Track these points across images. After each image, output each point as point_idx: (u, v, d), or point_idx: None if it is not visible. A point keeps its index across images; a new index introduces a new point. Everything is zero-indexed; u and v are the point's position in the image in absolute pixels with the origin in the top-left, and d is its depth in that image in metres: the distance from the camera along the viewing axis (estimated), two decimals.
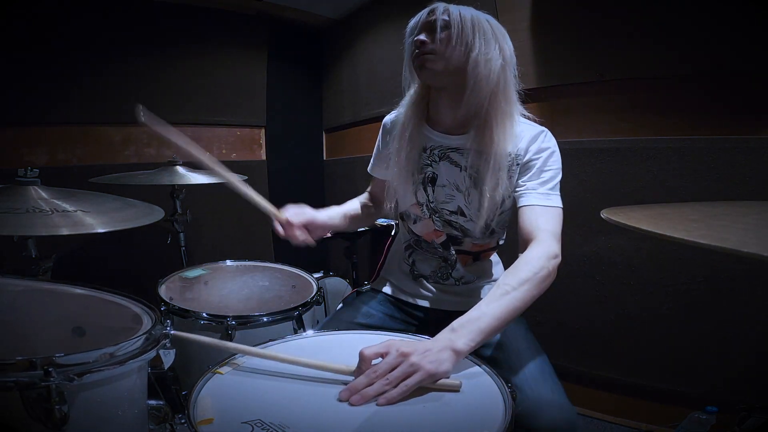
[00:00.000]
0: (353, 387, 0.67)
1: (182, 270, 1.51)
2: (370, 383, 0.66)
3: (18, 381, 0.53)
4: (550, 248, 0.87)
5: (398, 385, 0.66)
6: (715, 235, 0.52)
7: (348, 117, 2.81)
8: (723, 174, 1.37)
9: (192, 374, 0.73)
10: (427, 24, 0.95)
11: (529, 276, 0.81)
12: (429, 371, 0.67)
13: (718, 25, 1.35)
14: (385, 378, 0.66)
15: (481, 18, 0.95)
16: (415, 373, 0.67)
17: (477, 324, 0.75)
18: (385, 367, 0.67)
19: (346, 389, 0.67)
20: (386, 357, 0.69)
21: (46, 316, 0.83)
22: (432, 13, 0.95)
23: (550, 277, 0.85)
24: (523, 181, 0.98)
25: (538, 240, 0.88)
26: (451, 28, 0.93)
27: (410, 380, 0.66)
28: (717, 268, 1.40)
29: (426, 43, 0.94)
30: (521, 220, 0.95)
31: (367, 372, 0.68)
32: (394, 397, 0.65)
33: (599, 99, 1.63)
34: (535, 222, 0.92)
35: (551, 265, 0.85)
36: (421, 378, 0.66)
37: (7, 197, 1.03)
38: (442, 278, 1.11)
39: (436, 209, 1.06)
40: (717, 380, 1.43)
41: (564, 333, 1.72)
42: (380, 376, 0.67)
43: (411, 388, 0.66)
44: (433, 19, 0.94)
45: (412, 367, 0.67)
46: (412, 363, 0.67)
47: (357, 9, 2.66)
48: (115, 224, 1.03)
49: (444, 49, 0.93)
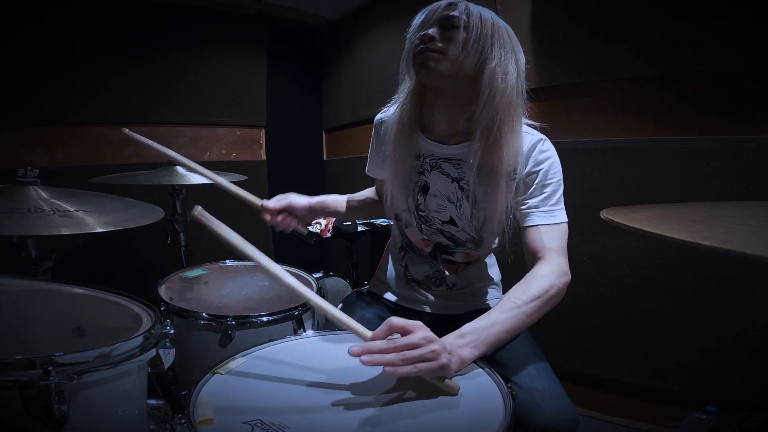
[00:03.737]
0: (369, 347, 0.66)
1: (182, 270, 1.51)
2: (386, 351, 0.66)
3: (17, 380, 0.53)
4: (559, 266, 0.86)
5: (411, 364, 0.65)
6: (718, 236, 0.52)
7: (348, 117, 2.81)
8: (723, 174, 1.37)
9: (192, 374, 0.73)
10: (443, 19, 0.87)
11: (540, 293, 0.80)
12: (444, 364, 0.67)
13: (718, 25, 1.35)
14: (401, 353, 0.66)
15: (501, 25, 0.87)
16: (431, 360, 0.66)
17: (485, 334, 0.74)
18: (406, 343, 0.67)
19: (359, 346, 0.66)
20: (411, 335, 0.68)
21: (46, 316, 0.83)
22: (451, 8, 0.87)
23: (559, 295, 0.84)
24: (524, 199, 0.93)
25: (546, 259, 0.87)
26: (470, 30, 0.84)
27: (424, 365, 0.66)
28: (717, 268, 1.40)
29: (435, 39, 0.86)
30: (527, 240, 0.92)
31: (389, 339, 0.68)
32: (402, 372, 0.65)
33: (599, 99, 1.63)
34: (540, 242, 0.89)
35: (561, 282, 0.84)
36: (435, 367, 0.66)
37: (7, 197, 1.03)
38: (435, 284, 1.09)
39: (426, 218, 1.03)
40: (717, 380, 1.43)
41: (564, 333, 1.72)
42: (398, 349, 0.66)
43: (421, 371, 0.65)
44: (451, 15, 0.86)
45: (432, 354, 0.66)
46: (433, 350, 0.67)
47: (357, 9, 2.66)
48: (115, 224, 1.03)
49: (455, 52, 0.85)
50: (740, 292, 1.37)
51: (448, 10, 0.87)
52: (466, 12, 0.86)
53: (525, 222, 0.93)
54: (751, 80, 1.34)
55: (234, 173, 1.90)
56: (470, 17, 0.85)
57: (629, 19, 1.51)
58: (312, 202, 1.12)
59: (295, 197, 1.10)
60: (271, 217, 1.07)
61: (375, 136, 1.14)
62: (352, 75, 2.76)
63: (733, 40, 1.33)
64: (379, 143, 1.12)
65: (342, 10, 2.73)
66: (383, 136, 1.08)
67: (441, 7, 0.88)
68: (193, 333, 1.18)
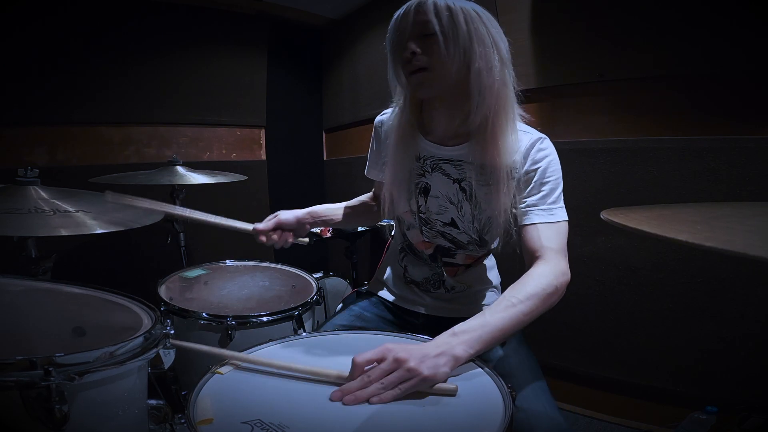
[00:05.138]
0: (347, 389, 0.66)
1: (182, 270, 1.51)
2: (365, 385, 0.65)
3: (18, 380, 0.53)
4: (557, 266, 0.84)
5: (393, 388, 0.65)
6: (720, 237, 0.52)
7: (348, 117, 2.81)
8: (723, 174, 1.37)
9: (192, 374, 0.73)
10: (417, 27, 0.86)
11: (537, 291, 0.79)
12: (426, 377, 0.66)
13: (718, 25, 1.35)
14: (380, 382, 0.65)
15: (472, 15, 0.84)
16: (411, 378, 0.65)
17: (479, 332, 0.73)
18: (379, 373, 0.66)
19: (338, 390, 0.66)
20: (381, 364, 0.67)
21: (46, 316, 0.83)
22: (420, 13, 0.85)
23: (557, 294, 0.82)
24: (523, 197, 0.93)
25: (545, 259, 0.86)
26: (446, 33, 0.83)
27: (406, 384, 0.65)
28: (717, 268, 1.40)
29: (417, 53, 0.85)
30: (525, 239, 0.91)
31: (361, 377, 0.67)
32: (387, 398, 0.64)
33: (599, 99, 1.63)
34: (539, 241, 0.88)
35: (559, 282, 0.82)
36: (417, 383, 0.65)
37: (7, 197, 1.03)
38: (434, 287, 1.09)
39: (428, 220, 1.03)
40: (717, 380, 1.43)
41: (564, 333, 1.72)
42: (374, 381, 0.65)
43: (406, 391, 0.65)
44: (425, 21, 0.84)
45: (409, 373, 0.66)
46: (408, 368, 0.66)
47: (357, 9, 2.66)
48: (115, 225, 1.03)
49: (440, 63, 0.85)
50: (740, 293, 1.37)
51: (418, 16, 0.85)
52: (435, 13, 0.84)
53: (523, 221, 0.92)
54: (751, 80, 1.34)
55: (234, 173, 1.90)
56: (441, 18, 0.83)
57: (629, 19, 1.51)
58: (299, 215, 1.11)
59: (283, 213, 1.10)
60: (267, 238, 1.08)
61: (375, 138, 1.14)
62: (352, 75, 2.76)
63: (733, 40, 1.33)
64: (379, 145, 1.12)
65: (342, 10, 2.73)
66: (383, 137, 1.08)
67: (411, 13, 0.87)
68: (193, 333, 1.18)
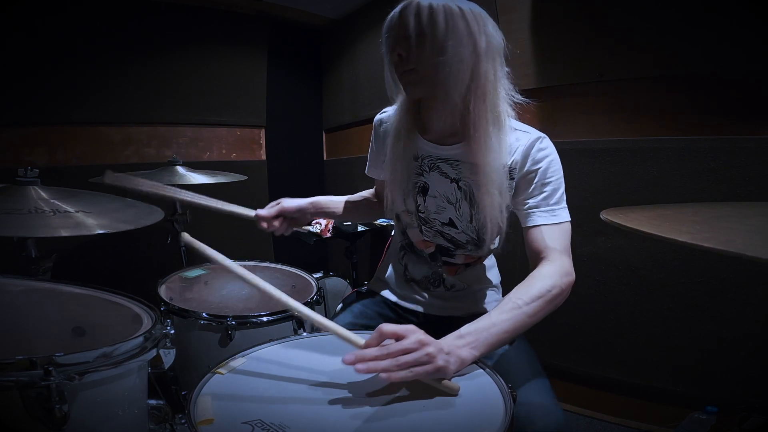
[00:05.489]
0: (362, 355, 0.66)
1: (182, 270, 1.51)
2: (380, 358, 0.65)
3: (18, 380, 0.53)
4: (562, 267, 0.84)
5: (406, 369, 0.65)
6: (720, 237, 0.52)
7: (348, 117, 2.81)
8: (723, 174, 1.37)
9: (192, 374, 0.73)
10: (402, 30, 0.87)
11: (542, 293, 0.79)
12: (440, 366, 0.66)
13: (719, 25, 1.35)
14: (396, 359, 0.65)
15: (453, 10, 0.84)
16: (427, 363, 0.66)
17: (485, 335, 0.74)
18: (399, 348, 0.66)
19: (353, 354, 0.66)
20: (403, 340, 0.68)
21: (46, 316, 0.83)
22: (404, 16, 0.86)
23: (562, 295, 0.82)
24: (524, 198, 0.93)
25: (549, 259, 0.86)
26: (426, 33, 0.84)
27: (419, 369, 0.65)
28: (716, 268, 1.40)
29: (403, 58, 0.87)
30: (529, 241, 0.91)
31: (380, 347, 0.67)
32: (397, 378, 0.64)
33: (599, 99, 1.63)
34: (542, 242, 0.88)
35: (564, 283, 0.82)
36: (431, 370, 0.66)
37: (7, 197, 1.03)
38: (434, 285, 1.09)
39: (426, 219, 1.03)
40: (717, 380, 1.43)
41: (564, 333, 1.72)
42: (392, 355, 0.66)
43: (417, 375, 0.65)
44: (407, 23, 0.85)
45: (427, 357, 0.66)
46: (428, 353, 0.66)
47: (357, 9, 2.66)
48: (115, 225, 1.03)
49: (424, 63, 0.86)
50: (740, 293, 1.37)
51: (403, 18, 0.86)
52: (417, 13, 0.84)
53: (526, 222, 0.92)
54: (751, 80, 1.34)
55: (234, 173, 1.90)
56: (421, 18, 0.84)
57: (629, 19, 1.51)
58: (302, 204, 1.12)
59: (287, 201, 1.11)
60: (268, 224, 1.09)
61: (374, 137, 1.14)
62: (352, 75, 2.76)
63: (733, 40, 1.33)
64: (378, 144, 1.12)
65: (342, 10, 2.73)
66: (382, 136, 1.09)
67: (397, 15, 0.88)
68: (193, 333, 1.18)
